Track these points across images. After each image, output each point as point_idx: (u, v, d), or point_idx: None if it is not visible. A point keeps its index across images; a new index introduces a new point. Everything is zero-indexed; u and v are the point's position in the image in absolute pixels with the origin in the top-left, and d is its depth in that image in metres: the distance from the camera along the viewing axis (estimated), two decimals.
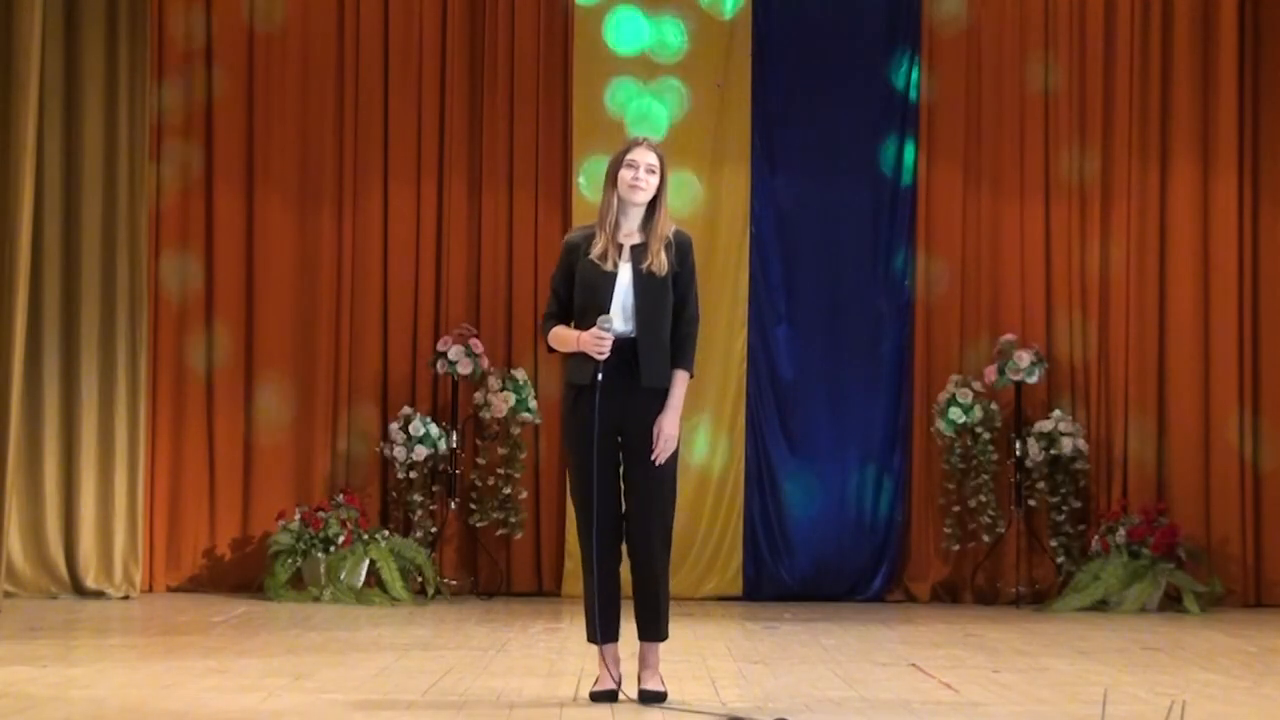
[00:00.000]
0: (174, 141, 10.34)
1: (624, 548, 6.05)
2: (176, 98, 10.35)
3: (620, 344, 5.98)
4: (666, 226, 6.11)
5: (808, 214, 10.70)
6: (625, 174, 6.07)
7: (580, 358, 6.02)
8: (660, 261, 6.04)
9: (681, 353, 6.09)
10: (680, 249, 6.12)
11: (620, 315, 6.00)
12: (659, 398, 6.02)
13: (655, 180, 6.08)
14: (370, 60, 10.53)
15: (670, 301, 6.06)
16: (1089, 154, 10.60)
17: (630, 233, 6.10)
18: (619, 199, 6.07)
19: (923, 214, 10.67)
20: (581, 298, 6.05)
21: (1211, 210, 10.52)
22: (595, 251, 6.05)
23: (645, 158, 6.08)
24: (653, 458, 5.98)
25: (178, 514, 10.28)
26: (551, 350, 6.20)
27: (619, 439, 6.01)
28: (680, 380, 6.07)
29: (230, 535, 10.32)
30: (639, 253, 6.05)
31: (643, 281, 6.02)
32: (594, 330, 5.96)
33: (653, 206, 6.10)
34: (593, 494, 5.97)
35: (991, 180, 10.68)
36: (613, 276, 6.02)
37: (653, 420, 5.99)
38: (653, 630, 6.05)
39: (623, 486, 6.04)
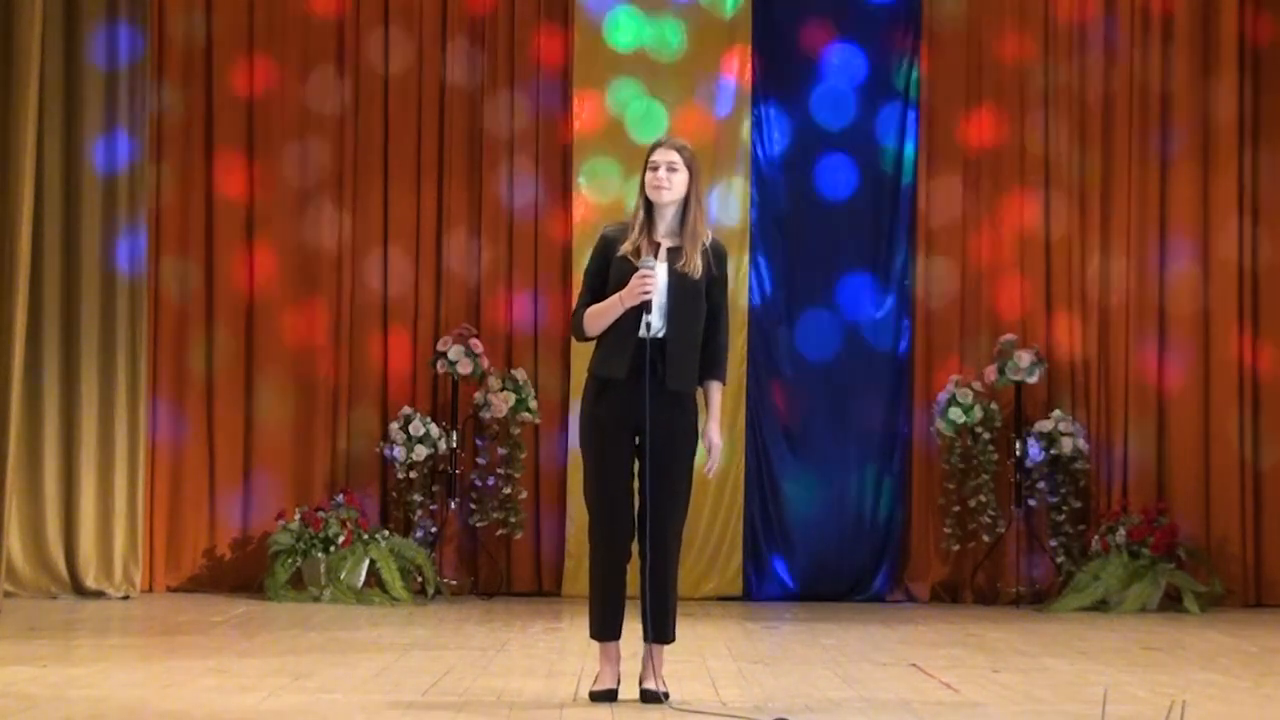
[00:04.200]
0: (174, 141, 10.34)
1: (634, 547, 6.04)
2: (176, 98, 10.35)
3: (650, 344, 5.95)
4: (703, 229, 6.07)
5: (808, 214, 10.71)
6: (648, 176, 6.04)
7: (611, 349, 5.98)
8: (695, 265, 6.00)
9: (717, 362, 6.10)
10: (718, 257, 6.09)
11: (654, 316, 5.96)
12: (681, 401, 6.01)
13: (680, 177, 6.03)
14: (371, 59, 10.53)
15: (703, 308, 6.04)
16: (1089, 154, 10.60)
17: (666, 234, 6.07)
18: (648, 201, 6.06)
19: (923, 214, 10.68)
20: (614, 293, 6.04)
21: (1212, 209, 10.52)
22: (627, 249, 6.03)
23: (666, 156, 6.04)
24: (709, 471, 6.03)
25: (178, 514, 10.28)
26: (587, 338, 6.09)
27: (636, 439, 6.00)
28: (718, 390, 6.11)
29: (230, 535, 10.32)
30: (675, 255, 6.03)
31: (677, 283, 5.99)
32: (637, 275, 5.91)
33: (686, 206, 6.08)
34: (609, 492, 5.98)
35: (991, 180, 10.68)
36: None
37: (673, 423, 5.97)
38: (661, 632, 6.04)
39: (637, 485, 6.02)
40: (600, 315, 6.02)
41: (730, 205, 10.62)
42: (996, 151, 10.68)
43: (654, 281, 5.93)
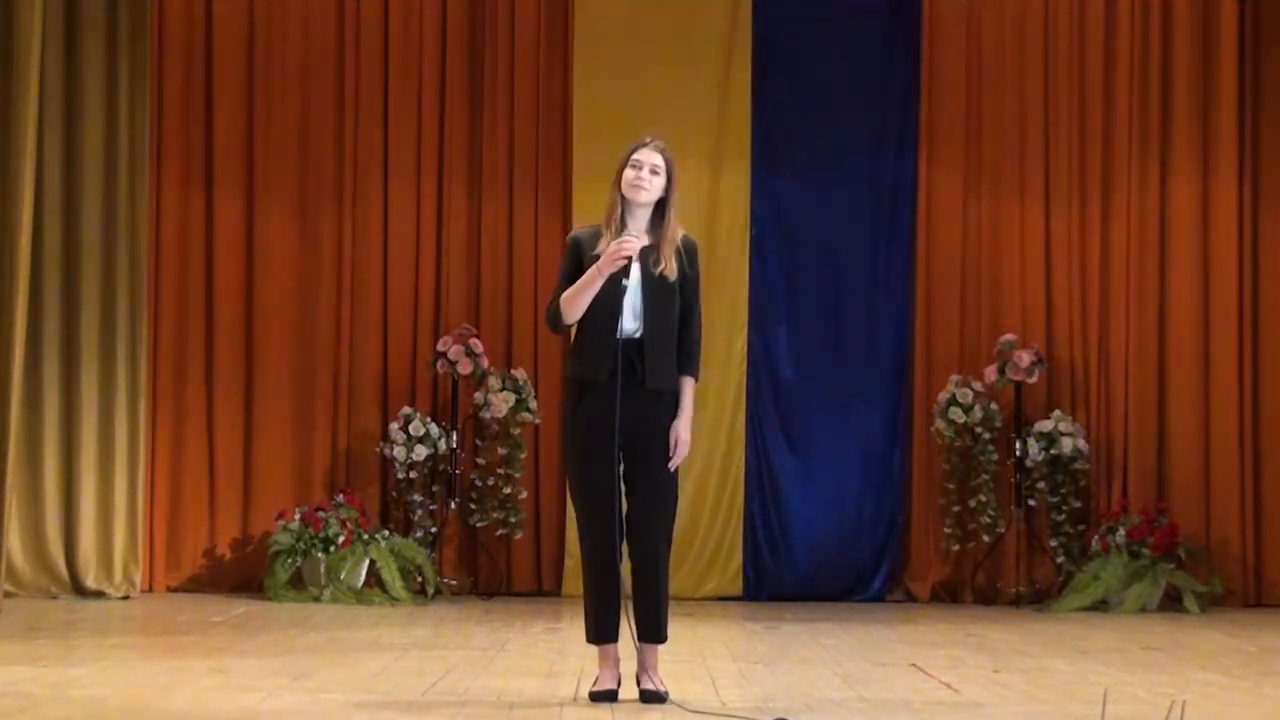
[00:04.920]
0: (174, 142, 10.34)
1: (624, 548, 6.04)
2: (176, 98, 10.35)
3: (626, 344, 5.96)
4: (676, 230, 6.08)
5: (808, 214, 10.70)
6: (629, 174, 6.04)
7: (588, 352, 5.98)
8: (671, 265, 6.01)
9: (690, 359, 6.08)
10: (689, 254, 6.10)
11: (629, 315, 5.97)
12: (661, 399, 6.01)
13: (659, 181, 6.04)
14: (370, 60, 10.53)
15: (677, 306, 6.05)
16: (1089, 154, 10.60)
17: (638, 233, 6.07)
18: (623, 198, 6.06)
19: (923, 213, 10.67)
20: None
21: (1211, 210, 10.52)
22: (602, 247, 6.02)
23: (650, 158, 6.04)
24: (669, 465, 5.99)
25: (178, 514, 10.28)
26: (565, 325, 6.03)
27: (620, 440, 5.99)
28: (690, 387, 6.08)
29: (230, 535, 10.32)
30: (647, 254, 6.03)
31: (652, 284, 5.99)
32: (615, 240, 5.90)
33: (661, 208, 6.08)
34: (597, 495, 5.98)
35: (991, 179, 10.68)
36: (620, 275, 5.99)
37: (655, 422, 5.98)
38: (653, 631, 6.04)
39: (623, 487, 6.02)
40: (578, 292, 5.97)
41: (730, 205, 10.61)
42: (996, 151, 10.68)
43: (634, 245, 5.92)
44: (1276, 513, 10.42)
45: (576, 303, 5.98)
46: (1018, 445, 10.33)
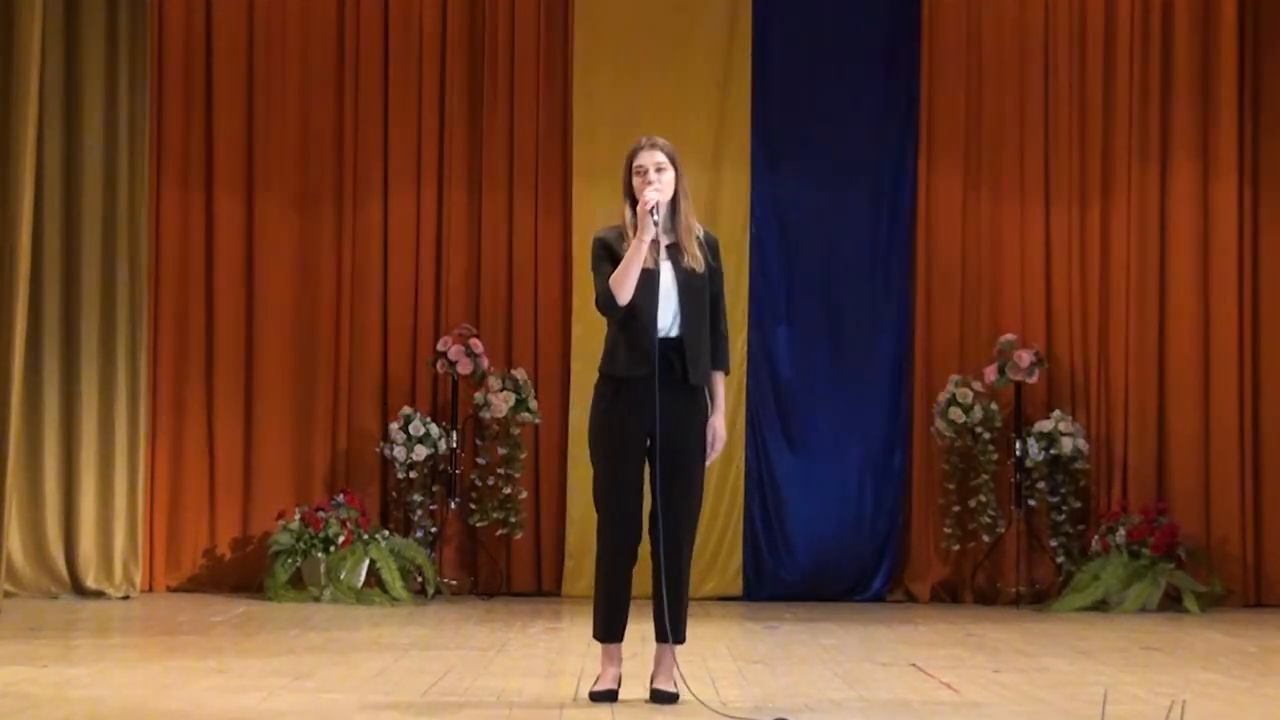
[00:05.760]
0: (174, 141, 10.35)
1: (640, 548, 6.02)
2: (176, 98, 10.35)
3: (665, 343, 5.94)
4: (693, 221, 6.08)
5: (808, 214, 10.70)
6: (638, 181, 6.03)
7: (628, 349, 5.94)
8: (698, 258, 6.02)
9: (721, 353, 6.11)
10: (712, 248, 6.12)
11: (667, 313, 5.95)
12: (697, 396, 6.02)
13: (669, 176, 6.01)
14: (370, 61, 10.53)
15: (708, 300, 6.06)
16: (1089, 154, 10.60)
17: (661, 233, 6.04)
18: (636, 203, 6.02)
19: (923, 213, 10.67)
20: None
21: (1211, 210, 10.53)
22: (626, 247, 6.00)
23: (653, 159, 6.02)
24: (706, 461, 6.03)
25: (178, 514, 10.28)
26: (619, 307, 5.92)
27: (649, 438, 5.96)
28: (721, 380, 6.12)
29: (230, 535, 10.32)
30: (675, 251, 6.03)
31: (686, 280, 6.00)
32: (639, 212, 5.91)
33: (675, 202, 6.07)
34: (624, 495, 5.98)
35: (991, 179, 10.68)
36: (655, 274, 5.96)
37: (690, 418, 5.98)
38: (676, 632, 6.02)
39: (648, 486, 6.01)
40: (625, 269, 5.92)
41: (730, 205, 10.61)
42: (997, 151, 10.68)
43: (654, 197, 5.90)
44: (1276, 513, 10.42)
45: (626, 280, 5.92)
46: (1018, 445, 10.34)
